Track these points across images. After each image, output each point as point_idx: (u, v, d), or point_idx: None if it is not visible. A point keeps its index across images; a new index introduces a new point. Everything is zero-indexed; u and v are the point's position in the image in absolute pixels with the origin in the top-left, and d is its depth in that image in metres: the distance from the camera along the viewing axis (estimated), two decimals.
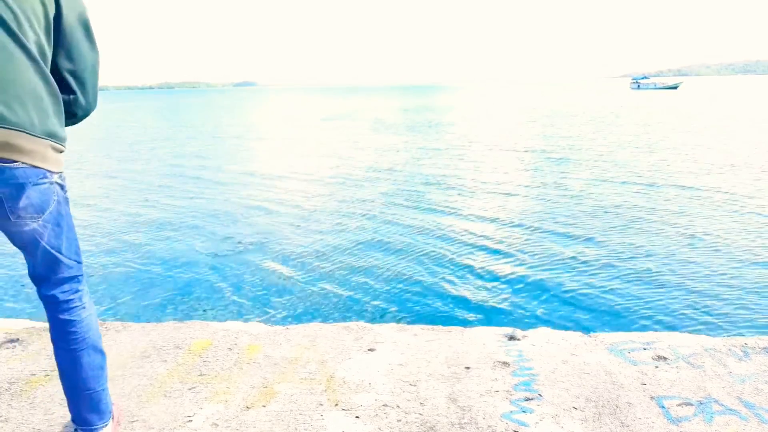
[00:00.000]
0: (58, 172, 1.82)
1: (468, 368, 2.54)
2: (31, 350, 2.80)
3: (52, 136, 1.76)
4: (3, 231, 1.82)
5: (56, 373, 2.53)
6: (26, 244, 1.83)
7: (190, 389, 2.41)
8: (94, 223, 9.48)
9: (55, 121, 1.78)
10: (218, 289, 6.18)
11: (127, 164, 17.20)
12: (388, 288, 6.05)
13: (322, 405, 2.26)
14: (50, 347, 2.80)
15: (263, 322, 3.36)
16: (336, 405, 2.26)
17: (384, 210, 9.83)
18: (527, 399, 2.26)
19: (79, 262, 1.96)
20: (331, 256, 7.27)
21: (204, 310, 5.57)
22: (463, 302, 5.62)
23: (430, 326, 3.05)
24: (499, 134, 22.99)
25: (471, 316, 5.25)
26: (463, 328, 3.02)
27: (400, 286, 6.12)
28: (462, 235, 8.07)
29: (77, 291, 1.95)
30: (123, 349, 2.81)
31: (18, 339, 2.95)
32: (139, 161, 17.87)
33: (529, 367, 2.53)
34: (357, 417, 2.17)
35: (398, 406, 2.24)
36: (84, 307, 1.96)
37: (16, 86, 1.65)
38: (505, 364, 2.56)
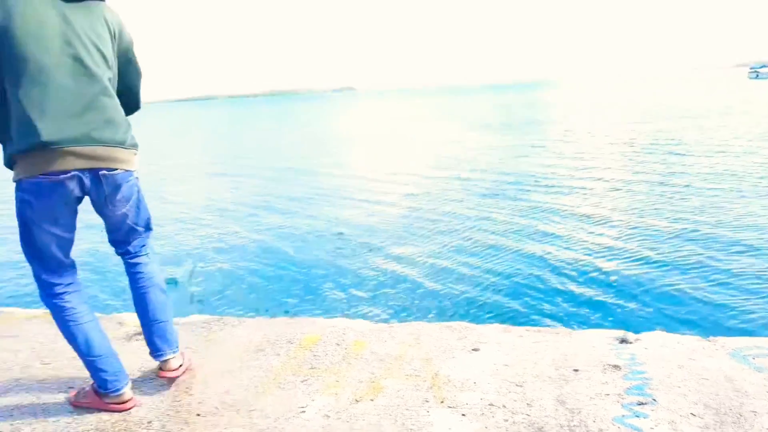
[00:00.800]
0: (136, 171, 2.39)
1: (576, 371, 2.49)
2: None
3: (133, 146, 2.34)
4: (100, 214, 2.39)
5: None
6: (116, 223, 2.43)
7: (302, 381, 2.53)
8: (213, 222, 10.06)
9: (131, 134, 2.34)
10: (326, 287, 6.41)
11: (240, 166, 18.09)
12: (492, 288, 6.02)
13: (428, 401, 2.30)
14: None
15: (368, 319, 3.46)
16: (442, 402, 2.29)
17: (487, 208, 9.77)
18: (640, 403, 2.19)
19: (149, 229, 2.56)
20: (433, 255, 7.31)
21: (312, 307, 5.79)
22: (570, 303, 5.48)
23: (536, 328, 3.02)
24: (603, 131, 22.13)
25: (579, 318, 5.12)
26: (570, 330, 2.96)
27: (504, 285, 6.07)
28: (567, 233, 7.87)
29: (143, 246, 2.54)
30: (239, 342, 2.99)
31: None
32: (249, 163, 18.73)
33: (642, 370, 2.44)
34: (463, 415, 2.19)
35: (504, 406, 2.24)
36: (149, 258, 2.56)
37: (108, 114, 2.21)
38: (616, 367, 2.49)
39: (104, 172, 2.21)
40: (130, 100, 2.47)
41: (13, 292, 6.90)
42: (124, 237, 2.48)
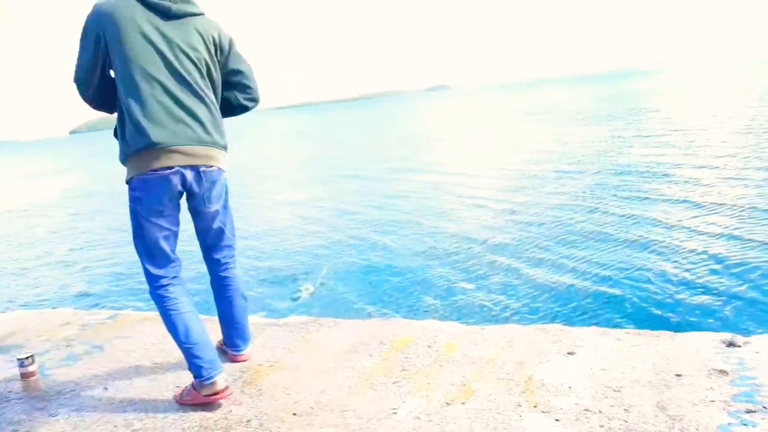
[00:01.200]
0: (226, 170, 2.65)
1: (679, 375, 2.37)
2: (257, 343, 3.17)
3: (224, 147, 2.61)
4: (195, 214, 2.67)
5: (279, 363, 2.86)
6: (208, 222, 2.69)
7: (394, 383, 2.56)
8: (310, 224, 10.37)
9: (225, 137, 2.61)
10: (418, 288, 6.44)
11: (336, 168, 18.52)
12: (588, 289, 5.81)
13: (520, 406, 2.27)
14: (272, 341, 3.16)
15: (459, 321, 3.45)
16: (535, 407, 2.25)
17: (584, 205, 9.46)
18: (749, 411, 2.05)
19: (234, 236, 2.82)
20: (526, 254, 7.18)
21: (404, 309, 5.84)
22: (671, 304, 5.20)
23: (635, 330, 2.89)
24: (713, 117, 20.76)
25: (681, 320, 4.85)
26: (672, 332, 2.82)
27: (601, 286, 5.84)
28: (668, 230, 7.48)
29: (232, 256, 2.83)
30: (334, 343, 3.07)
31: None
32: (344, 164, 19.13)
33: (752, 376, 2.29)
34: (557, 420, 2.15)
35: (600, 412, 2.17)
36: (235, 268, 2.85)
37: (204, 118, 2.49)
38: (723, 372, 2.35)
39: (203, 168, 2.51)
40: (252, 91, 2.80)
41: (128, 296, 7.41)
42: (215, 240, 2.76)
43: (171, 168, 2.40)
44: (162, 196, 2.43)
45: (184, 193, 2.55)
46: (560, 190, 11.03)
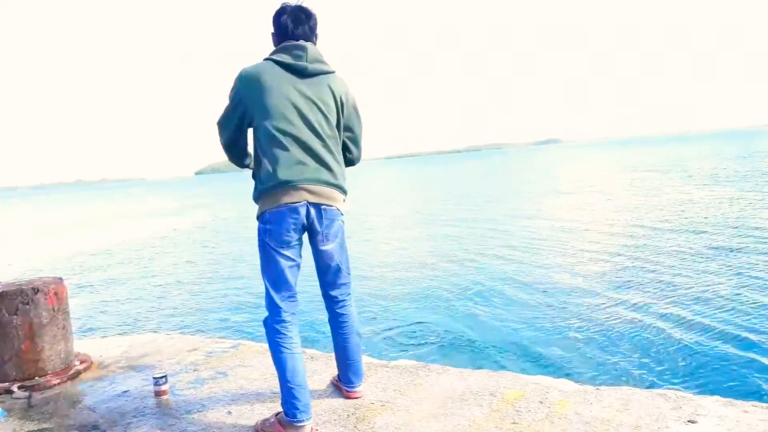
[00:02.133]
0: (343, 213, 2.88)
1: None
2: (370, 381, 3.27)
3: (344, 192, 2.85)
4: (315, 252, 2.87)
5: (390, 404, 2.94)
6: (327, 260, 2.88)
7: None
8: (425, 270, 10.50)
9: (345, 182, 2.86)
10: (529, 342, 6.35)
11: (452, 218, 18.67)
12: (711, 355, 5.47)
13: None
14: (384, 381, 3.25)
15: (572, 379, 3.38)
16: None
17: (708, 265, 8.95)
18: None
19: (349, 275, 2.99)
20: (643, 315, 6.87)
21: (514, 362, 5.76)
22: None
23: (764, 404, 2.72)
24: None
25: None
26: None
27: (726, 354, 5.48)
28: None
29: (348, 294, 3.01)
30: (444, 390, 3.11)
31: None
32: (460, 215, 19.23)
33: None
34: None
35: None
36: (351, 305, 3.02)
37: (329, 163, 2.75)
38: None
39: (324, 206, 2.76)
40: (353, 152, 3.04)
41: (250, 327, 7.82)
42: (333, 278, 2.94)
43: (299, 202, 2.67)
44: (290, 226, 2.68)
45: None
46: (682, 250, 10.49)
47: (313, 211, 2.72)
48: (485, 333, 6.84)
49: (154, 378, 3.30)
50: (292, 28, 2.76)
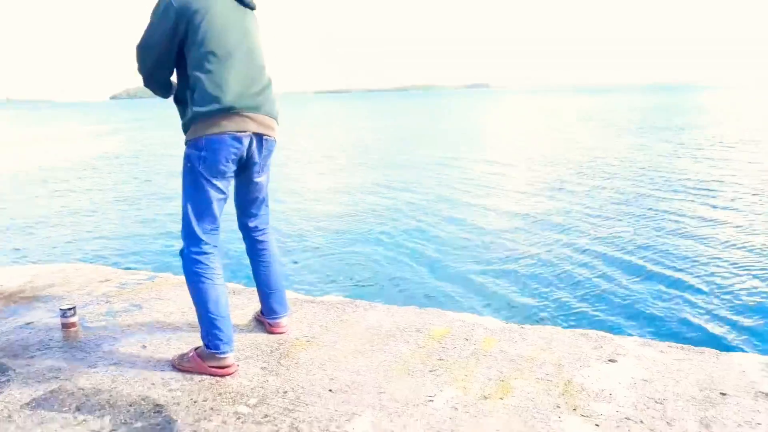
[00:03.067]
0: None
1: (724, 394, 2.31)
2: (295, 317, 3.18)
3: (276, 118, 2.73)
4: (246, 183, 2.77)
5: (316, 340, 2.86)
6: (255, 192, 2.82)
7: (430, 371, 2.54)
8: (354, 208, 10.40)
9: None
10: (455, 280, 6.44)
11: (382, 157, 18.54)
12: (631, 298, 5.73)
13: (559, 407, 2.23)
14: (309, 317, 3.17)
15: (497, 317, 3.41)
16: (574, 410, 2.21)
17: (632, 213, 9.31)
18: None
19: (268, 205, 2.93)
20: (569, 258, 7.11)
21: (441, 299, 5.83)
22: (716, 322, 5.10)
23: (678, 345, 2.83)
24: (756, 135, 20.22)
25: (726, 339, 4.75)
26: (717, 351, 2.75)
27: (644, 296, 5.75)
28: (714, 245, 7.33)
29: (268, 223, 2.94)
30: (370, 326, 3.06)
31: None
32: (390, 154, 19.13)
33: None
34: (597, 425, 2.11)
35: (642, 422, 2.12)
36: (271, 234, 2.96)
37: (270, 94, 2.67)
38: None
39: (266, 137, 2.67)
40: None
41: (167, 260, 7.53)
42: (257, 210, 2.88)
43: (245, 132, 2.53)
44: (229, 156, 2.52)
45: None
46: (607, 196, 10.88)
47: (254, 142, 2.61)
48: (413, 270, 6.90)
49: (61, 309, 3.07)
50: None
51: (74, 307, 3.10)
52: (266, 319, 3.01)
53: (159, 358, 2.71)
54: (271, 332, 2.98)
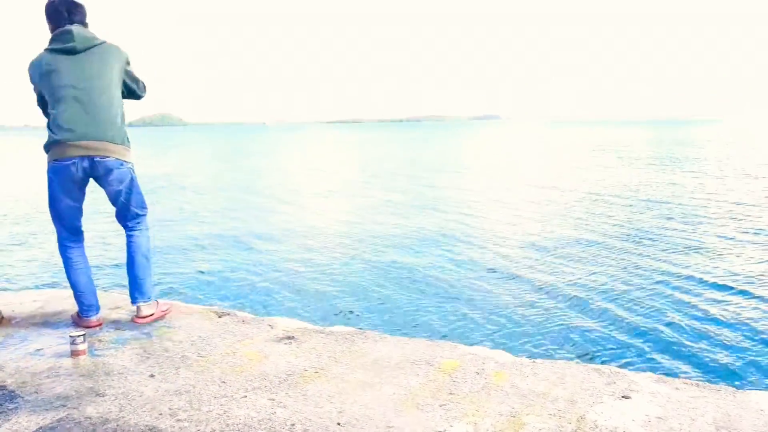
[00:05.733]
0: (127, 161, 3.46)
1: None
2: (304, 347, 3.16)
3: (122, 143, 3.43)
4: (108, 194, 3.50)
5: (324, 371, 2.84)
6: (112, 198, 3.52)
7: (440, 406, 2.50)
8: (363, 237, 10.39)
9: (122, 134, 3.44)
10: (467, 313, 6.38)
11: (394, 184, 18.60)
12: (643, 332, 5.64)
13: None
14: (319, 348, 3.14)
15: (508, 351, 3.37)
16: None
17: (639, 247, 9.23)
18: None
19: (143, 209, 3.65)
20: (583, 290, 7.06)
21: (452, 332, 5.77)
22: (733, 358, 5.00)
23: (694, 381, 2.77)
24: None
25: (743, 376, 4.65)
26: (734, 388, 2.69)
27: (658, 331, 5.66)
28: (732, 279, 7.22)
29: (139, 224, 3.65)
30: (380, 358, 3.03)
31: (294, 337, 3.35)
32: (404, 182, 19.19)
33: None
34: None
35: None
36: (142, 235, 3.66)
37: (100, 121, 3.32)
38: None
39: (98, 158, 3.33)
40: (137, 92, 3.69)
41: (180, 288, 7.53)
42: (123, 211, 3.59)
43: (71, 159, 3.28)
44: (65, 180, 3.33)
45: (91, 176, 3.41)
46: (615, 228, 10.80)
47: (86, 163, 3.31)
48: (423, 301, 6.84)
49: (71, 336, 3.07)
50: (65, 16, 3.35)
51: (84, 334, 3.10)
52: (132, 303, 3.65)
53: (167, 388, 2.70)
54: (135, 322, 3.59)
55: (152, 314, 3.63)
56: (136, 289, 3.62)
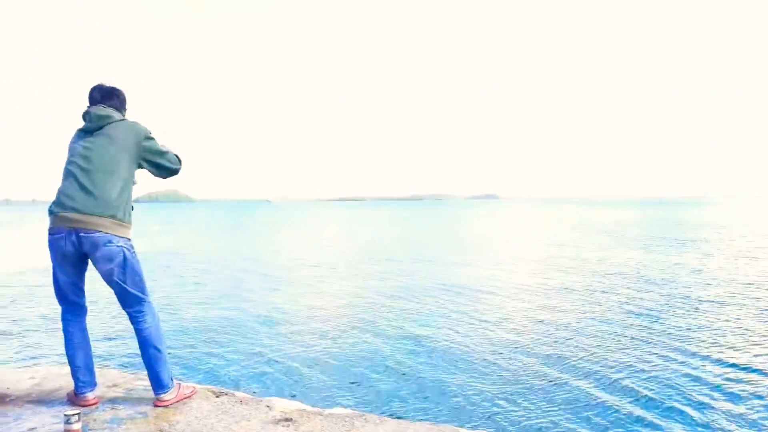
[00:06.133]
0: (117, 237, 3.32)
1: None
2: (302, 430, 3.10)
3: (113, 217, 3.30)
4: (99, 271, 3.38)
5: None
6: (106, 278, 3.39)
7: None
8: (361, 315, 10.31)
9: (117, 210, 3.32)
10: (468, 394, 6.21)
11: (401, 264, 18.59)
12: (658, 423, 5.48)
13: None
14: (318, 430, 3.08)
15: None
16: None
17: (655, 329, 9.09)
18: None
19: (143, 294, 3.48)
20: (591, 376, 6.87)
21: (448, 413, 5.62)
22: None
23: None
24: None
25: None
26: None
27: (668, 420, 5.50)
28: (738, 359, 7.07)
29: (141, 312, 3.48)
30: None
31: (291, 419, 3.29)
32: (397, 261, 19.19)
33: None
34: None
35: None
36: (145, 322, 3.48)
37: (91, 195, 3.28)
38: None
39: (84, 232, 3.25)
40: (164, 165, 3.63)
41: (178, 366, 7.41)
42: (121, 296, 3.45)
43: (59, 231, 3.29)
44: (57, 250, 3.33)
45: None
46: (629, 307, 10.69)
47: (74, 237, 3.26)
48: (426, 381, 6.69)
49: (65, 415, 3.02)
50: (98, 99, 3.54)
51: (79, 413, 3.05)
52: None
53: None
54: (155, 404, 3.50)
55: (172, 398, 3.54)
56: (152, 382, 3.53)
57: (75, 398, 3.51)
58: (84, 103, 3.59)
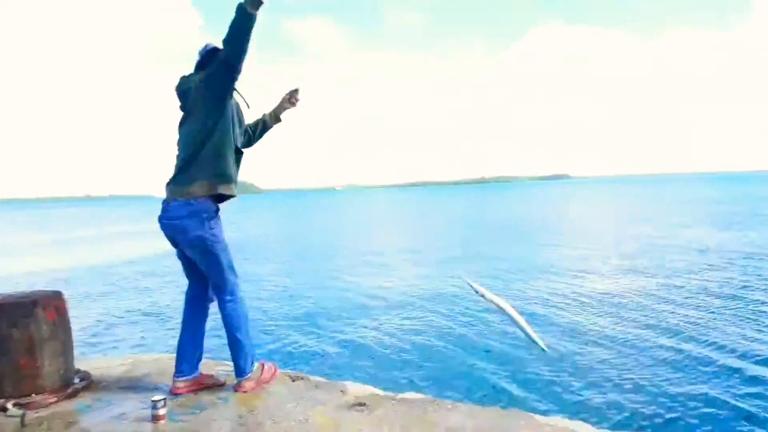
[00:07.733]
0: (193, 202, 3.28)
1: None
2: (376, 415, 3.14)
3: (189, 181, 3.30)
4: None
5: None
6: (192, 257, 3.49)
7: None
8: (433, 304, 10.34)
9: (197, 173, 3.30)
10: (541, 380, 6.15)
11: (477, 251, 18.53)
12: (723, 410, 5.24)
13: None
14: (390, 416, 3.12)
15: (587, 422, 3.21)
16: None
17: (733, 313, 8.71)
18: None
19: (224, 280, 3.45)
20: (668, 362, 6.65)
21: (526, 400, 5.57)
22: None
23: None
24: None
25: None
26: None
27: (747, 410, 5.26)
28: None
29: (221, 296, 3.50)
30: (452, 428, 2.97)
31: (365, 404, 3.34)
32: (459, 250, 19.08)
33: None
34: None
35: None
36: (225, 309, 3.49)
37: (183, 160, 3.33)
38: None
39: (165, 204, 3.34)
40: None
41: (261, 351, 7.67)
42: (206, 275, 3.53)
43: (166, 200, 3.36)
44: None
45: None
46: (710, 292, 10.27)
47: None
48: (498, 367, 6.65)
49: (152, 401, 3.18)
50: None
51: (165, 399, 3.20)
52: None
53: None
54: (235, 390, 3.55)
55: (252, 384, 3.58)
56: (234, 367, 3.60)
57: (172, 382, 3.61)
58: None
